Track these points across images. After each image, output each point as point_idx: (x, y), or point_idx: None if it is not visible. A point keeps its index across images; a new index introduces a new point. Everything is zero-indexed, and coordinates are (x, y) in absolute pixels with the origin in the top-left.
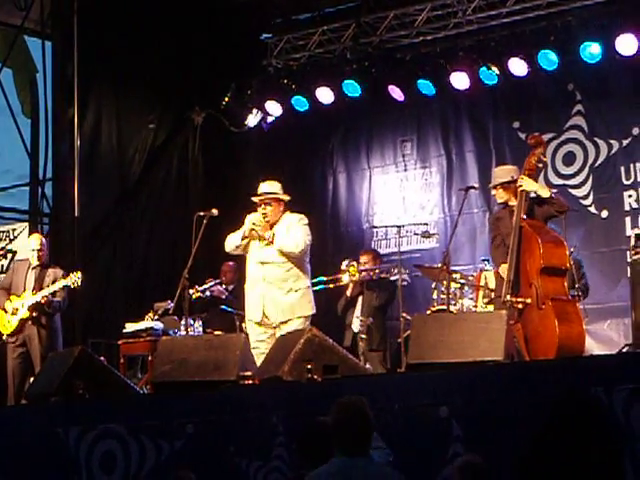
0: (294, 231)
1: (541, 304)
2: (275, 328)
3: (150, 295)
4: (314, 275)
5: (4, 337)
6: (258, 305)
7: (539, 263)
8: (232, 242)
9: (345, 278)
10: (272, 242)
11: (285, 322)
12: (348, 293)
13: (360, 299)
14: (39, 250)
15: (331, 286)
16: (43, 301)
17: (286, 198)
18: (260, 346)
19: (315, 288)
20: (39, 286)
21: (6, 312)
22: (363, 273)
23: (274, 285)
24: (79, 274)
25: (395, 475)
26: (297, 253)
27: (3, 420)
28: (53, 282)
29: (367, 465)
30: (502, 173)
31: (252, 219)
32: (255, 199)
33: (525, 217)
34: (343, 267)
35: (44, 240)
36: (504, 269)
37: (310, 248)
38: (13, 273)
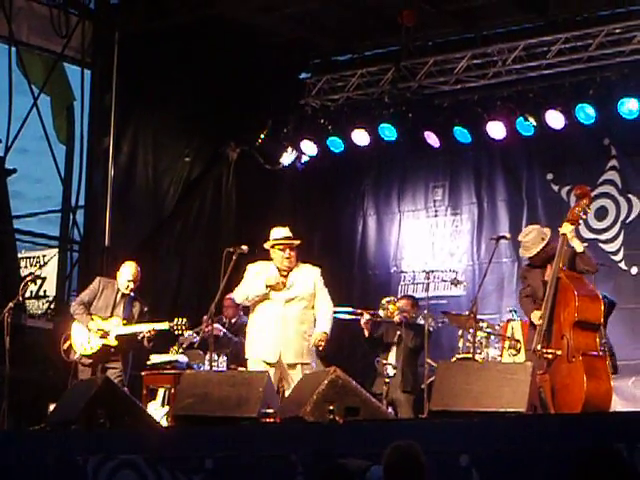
0: (322, 290)
1: (571, 357)
2: (283, 369)
3: None
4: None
5: (76, 355)
6: (275, 346)
7: (573, 316)
8: (251, 293)
9: (381, 312)
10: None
11: (293, 366)
12: (366, 333)
13: (394, 345)
14: (132, 282)
15: (367, 317)
16: (146, 335)
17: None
18: None
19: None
20: (128, 317)
21: (89, 330)
22: (403, 313)
23: (291, 327)
24: (184, 321)
25: None
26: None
27: (24, 444)
28: (139, 314)
29: None
30: (534, 240)
31: (270, 278)
32: (282, 242)
33: (564, 268)
34: (384, 302)
35: (139, 270)
36: (536, 315)
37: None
38: (98, 293)
